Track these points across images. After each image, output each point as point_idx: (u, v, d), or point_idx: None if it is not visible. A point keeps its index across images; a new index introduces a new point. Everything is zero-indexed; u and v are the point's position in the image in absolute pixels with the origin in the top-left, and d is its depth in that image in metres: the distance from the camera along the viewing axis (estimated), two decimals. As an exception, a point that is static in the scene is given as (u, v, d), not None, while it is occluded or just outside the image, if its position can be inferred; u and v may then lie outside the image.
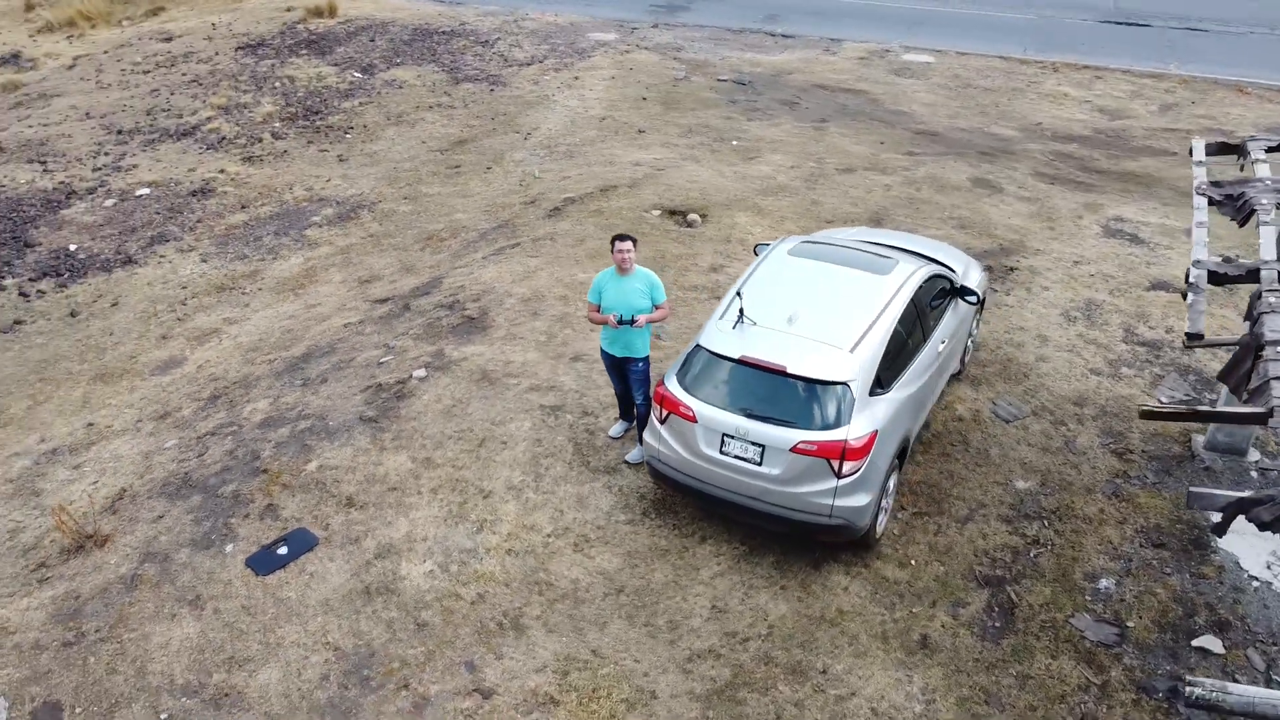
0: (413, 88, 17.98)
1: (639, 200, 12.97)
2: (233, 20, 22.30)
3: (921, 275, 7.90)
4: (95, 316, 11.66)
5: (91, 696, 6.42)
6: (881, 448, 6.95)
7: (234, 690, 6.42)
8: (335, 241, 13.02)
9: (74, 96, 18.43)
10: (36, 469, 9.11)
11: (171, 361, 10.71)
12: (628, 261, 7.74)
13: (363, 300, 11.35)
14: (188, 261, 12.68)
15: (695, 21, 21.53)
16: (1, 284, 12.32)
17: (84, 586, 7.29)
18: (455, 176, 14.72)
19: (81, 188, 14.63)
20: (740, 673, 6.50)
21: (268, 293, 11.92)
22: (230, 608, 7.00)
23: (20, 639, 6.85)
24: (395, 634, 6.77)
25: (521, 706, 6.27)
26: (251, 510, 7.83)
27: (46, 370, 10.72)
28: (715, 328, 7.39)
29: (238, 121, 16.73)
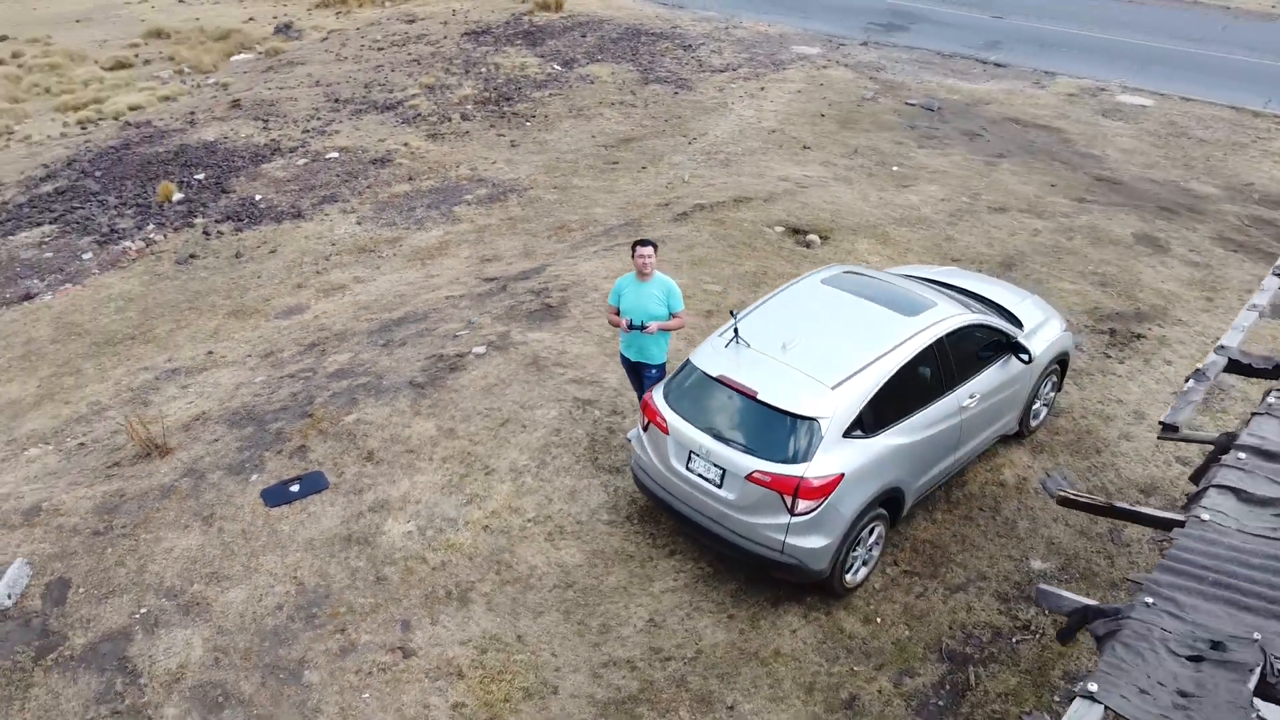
0: (603, 84, 18.60)
1: (767, 214, 12.84)
2: (472, 8, 23.92)
3: (954, 323, 7.40)
4: (253, 260, 13.02)
5: (96, 581, 7.31)
6: (850, 493, 6.62)
7: (204, 601, 7.10)
8: (477, 220, 13.78)
9: (313, 66, 20.50)
10: (154, 383, 10.36)
11: (296, 308, 11.80)
12: (648, 267, 7.78)
13: (474, 277, 11.98)
14: (345, 222, 13.86)
15: (908, 43, 20.82)
16: (192, 222, 14.01)
17: (131, 488, 8.27)
18: (609, 172, 15.14)
19: (286, 146, 16.31)
20: (648, 689, 6.43)
21: (400, 259, 12.82)
22: (232, 529, 7.72)
23: (64, 521, 7.89)
24: (354, 582, 7.21)
25: (431, 672, 6.52)
26: (285, 448, 8.56)
27: (197, 301, 12.12)
28: (710, 345, 7.31)
29: (436, 101, 18.01)
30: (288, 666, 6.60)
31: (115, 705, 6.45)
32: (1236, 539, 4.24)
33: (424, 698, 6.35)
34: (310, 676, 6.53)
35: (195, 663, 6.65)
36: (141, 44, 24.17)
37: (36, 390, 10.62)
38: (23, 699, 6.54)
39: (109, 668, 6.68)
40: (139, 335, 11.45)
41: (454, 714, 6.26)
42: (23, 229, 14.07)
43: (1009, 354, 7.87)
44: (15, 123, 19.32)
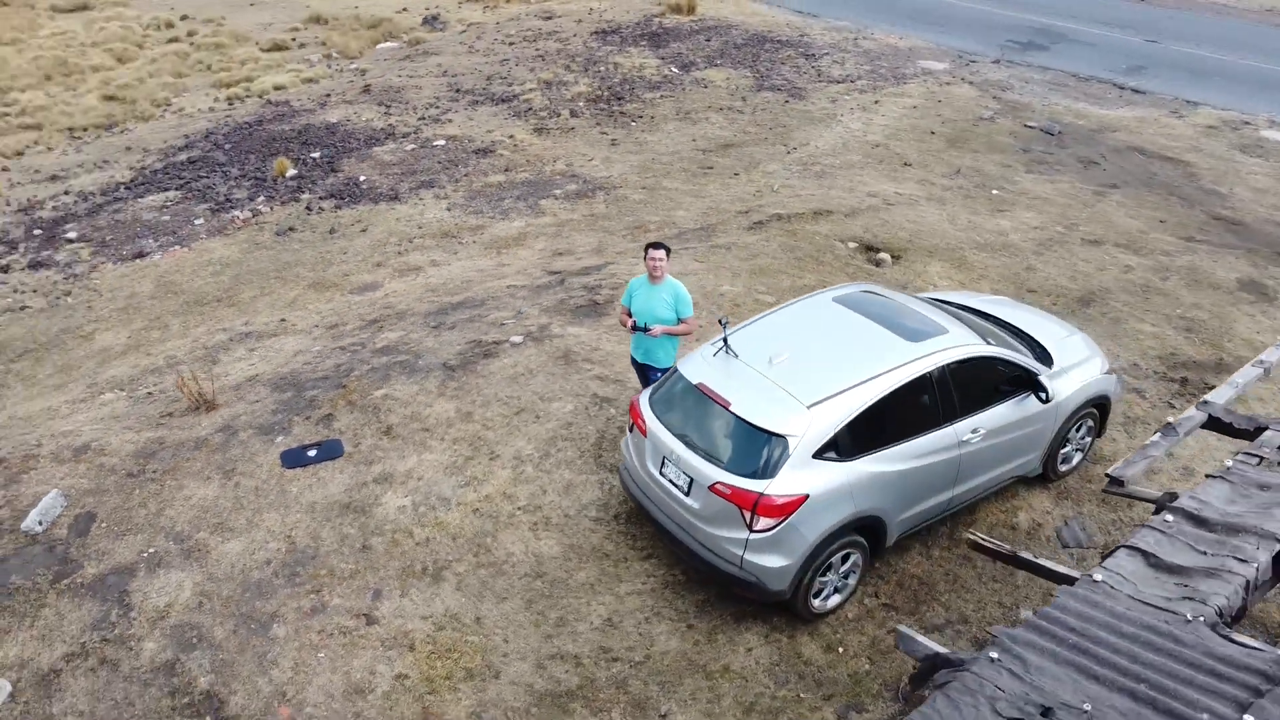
0: (716, 89, 18.59)
1: (843, 229, 12.59)
2: (609, 7, 24.31)
3: (959, 353, 7.10)
4: (344, 237, 13.69)
5: (118, 519, 7.91)
6: (815, 515, 6.46)
7: (205, 549, 7.57)
8: (560, 215, 14.05)
9: (445, 56, 21.32)
10: (226, 344, 11.06)
11: (371, 285, 12.34)
12: (658, 270, 7.79)
13: (541, 270, 12.23)
14: (437, 207, 14.39)
15: (1044, 63, 19.89)
16: (299, 197, 14.84)
17: (171, 437, 8.89)
18: (700, 176, 15.14)
19: (400, 131, 17.05)
20: (587, 687, 6.47)
21: (478, 247, 13.22)
22: (247, 485, 8.19)
23: (105, 461, 8.56)
24: (341, 548, 7.54)
25: (387, 641, 6.76)
26: (314, 415, 9.00)
27: (284, 271, 12.85)
28: (700, 353, 7.27)
29: (550, 96, 18.42)
30: (260, 618, 6.97)
31: (106, 634, 6.96)
32: (1122, 604, 3.93)
33: (372, 664, 6.59)
34: (277, 630, 6.87)
35: (181, 604, 7.10)
36: (301, 28, 25.67)
37: (126, 340, 11.52)
38: (34, 617, 7.15)
39: (110, 599, 7.21)
40: (225, 298, 12.23)
41: (395, 684, 6.47)
42: (151, 193, 15.25)
43: (1028, 391, 7.48)
44: (174, 96, 20.90)
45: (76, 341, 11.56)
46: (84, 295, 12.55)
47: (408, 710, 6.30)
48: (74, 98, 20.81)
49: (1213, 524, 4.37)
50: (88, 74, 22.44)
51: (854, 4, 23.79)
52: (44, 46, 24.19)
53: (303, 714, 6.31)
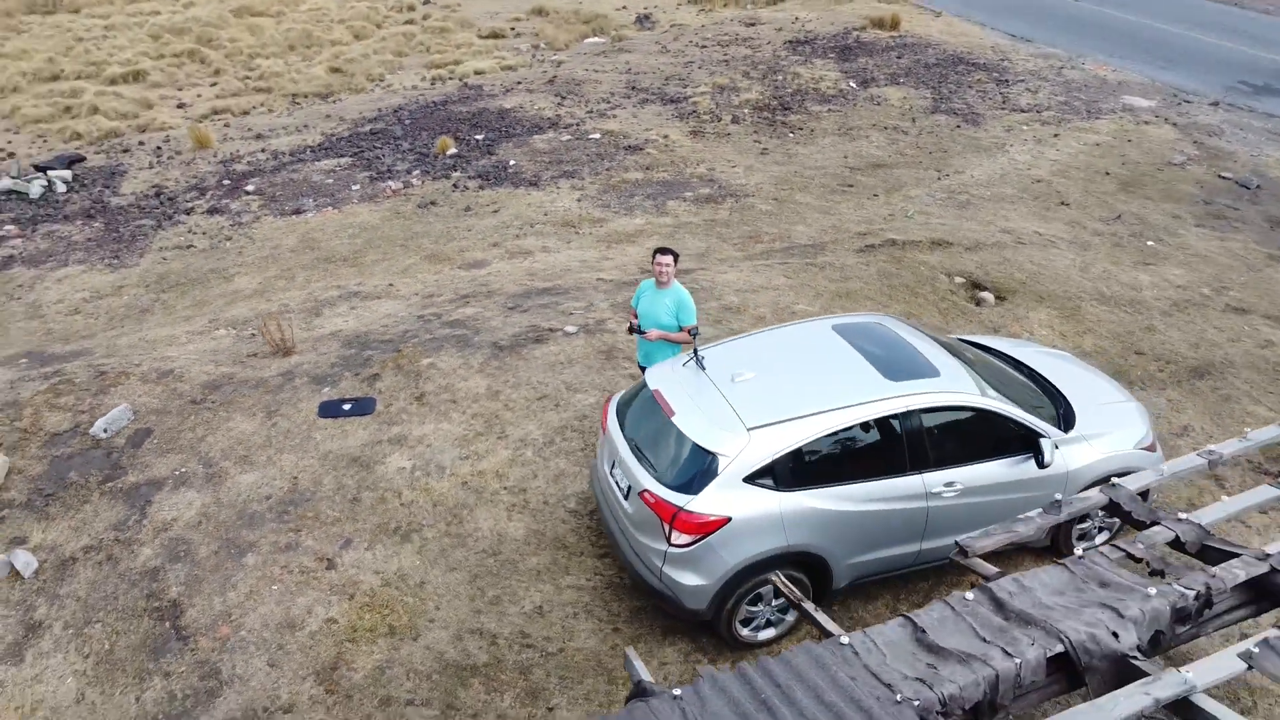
0: (888, 107, 18.02)
1: (956, 262, 11.95)
2: (816, 18, 24.03)
3: (941, 400, 6.67)
4: (475, 216, 14.44)
5: (167, 439, 8.85)
6: (738, 540, 6.29)
7: (223, 476, 8.34)
8: (682, 217, 14.16)
9: (636, 55, 21.85)
10: (334, 300, 12.01)
11: (479, 263, 12.98)
12: (664, 275, 7.79)
13: (637, 268, 12.42)
14: (569, 197, 14.87)
15: (1273, 110, 17.82)
16: (450, 174, 15.78)
17: (241, 374, 9.80)
18: (837, 194, 14.79)
19: (564, 122, 17.71)
20: (493, 666, 6.63)
21: (592, 239, 13.58)
22: (281, 426, 8.93)
23: (179, 387, 9.57)
24: (334, 496, 8.08)
25: (334, 587, 7.21)
26: (363, 373, 9.65)
27: (410, 241, 13.74)
28: (672, 361, 7.23)
29: (718, 101, 18.51)
30: (240, 545, 7.61)
31: (119, 534, 7.84)
32: (847, 672, 3.61)
33: (312, 605, 7.06)
34: (249, 559, 7.48)
35: (184, 521, 7.88)
36: (522, 19, 27.07)
37: (257, 286, 12.74)
38: (76, 510, 8.15)
39: (135, 506, 8.11)
40: (351, 259, 13.24)
41: (323, 626, 6.90)
42: (327, 158, 16.69)
43: (1027, 453, 6.90)
44: (389, 73, 22.67)
45: (218, 281, 12.91)
46: (241, 242, 13.96)
47: (324, 653, 6.71)
48: (306, 67, 23.01)
49: (1010, 611, 3.92)
50: (325, 47, 24.73)
51: (1083, 32, 22.23)
52: (297, 20, 26.86)
53: (238, 636, 6.86)
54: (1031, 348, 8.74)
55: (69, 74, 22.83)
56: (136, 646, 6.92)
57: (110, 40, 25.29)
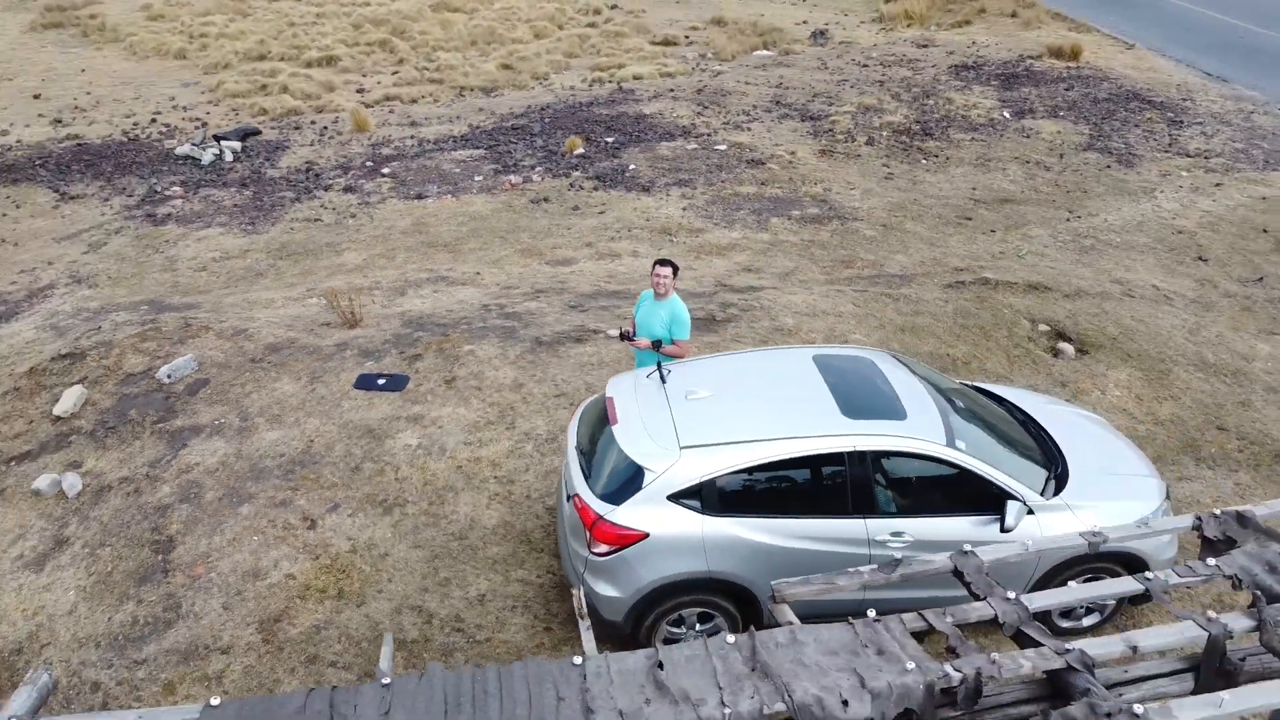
0: (1036, 141, 17.03)
1: (1046, 309, 11.23)
2: (992, 44, 23.00)
3: (893, 444, 6.34)
4: (581, 215, 14.77)
5: (219, 390, 9.62)
6: (654, 558, 6.24)
7: (252, 431, 9.00)
8: (780, 235, 13.97)
9: (794, 70, 21.63)
10: (422, 281, 12.63)
11: (566, 261, 13.30)
12: (661, 286, 7.78)
13: (714, 282, 12.37)
14: (675, 205, 14.96)
15: None
16: (570, 173, 16.20)
17: (303, 340, 10.51)
18: (951, 226, 14.17)
19: (696, 132, 17.79)
20: (419, 643, 6.86)
21: (683, 249, 13.61)
22: (319, 392, 9.52)
23: (245, 346, 10.36)
24: (340, 462, 8.55)
25: (304, 546, 7.64)
26: (408, 352, 10.13)
27: (510, 234, 14.23)
28: (637, 372, 7.21)
29: (858, 121, 18.06)
30: (241, 495, 8.20)
31: (150, 471, 8.62)
32: (558, 693, 3.50)
33: (279, 559, 7.52)
34: (244, 509, 8.05)
35: (202, 467, 8.56)
36: (700, 28, 27.30)
37: (360, 261, 13.56)
38: (127, 445, 9.03)
39: (172, 447, 8.89)
40: (451, 245, 13.87)
41: (282, 580, 7.33)
42: (465, 148, 17.50)
43: (996, 514, 6.45)
44: (555, 72, 23.44)
45: (329, 254, 13.83)
46: (362, 220, 14.89)
47: (273, 605, 7.14)
48: (480, 62, 24.15)
49: (758, 662, 3.68)
50: (505, 44, 25.86)
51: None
52: (487, 17, 28.20)
53: (208, 576, 7.41)
54: (1058, 406, 8.11)
55: (273, 55, 24.96)
56: (129, 572, 7.59)
57: (317, 27, 27.44)
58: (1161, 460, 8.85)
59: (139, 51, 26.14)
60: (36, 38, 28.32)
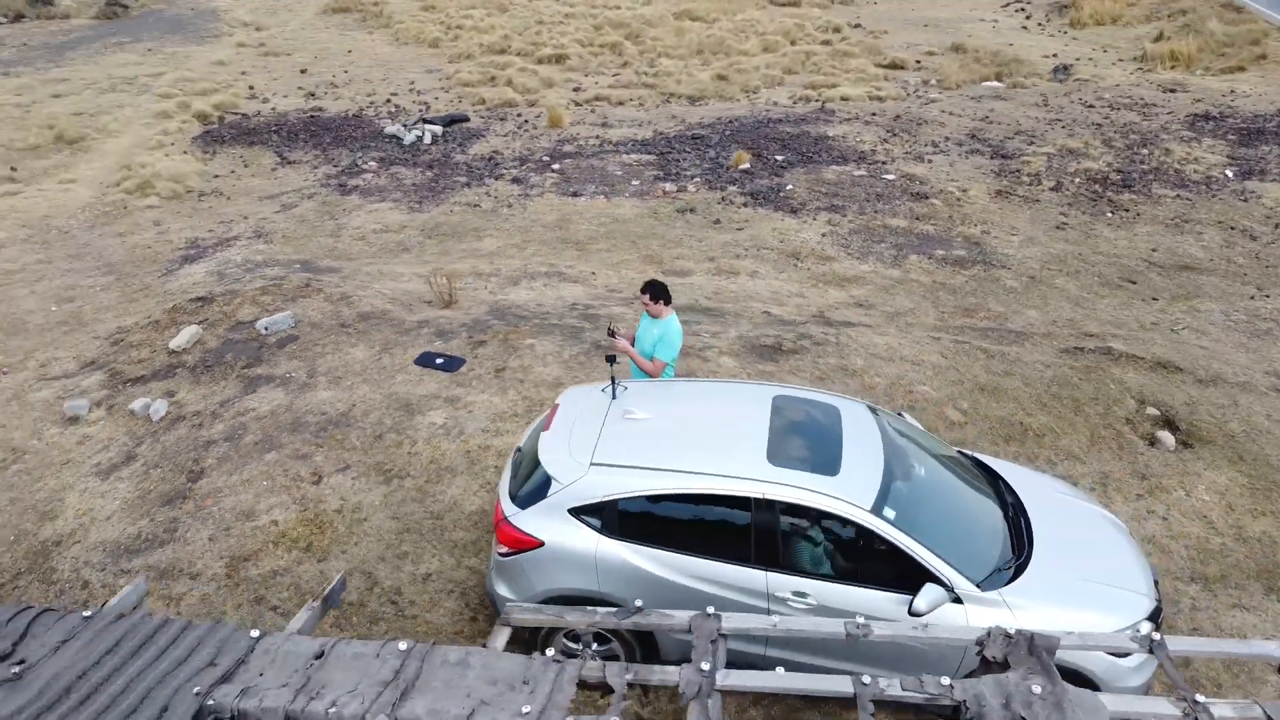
0: (1254, 205, 15.09)
1: (1164, 392, 10.06)
2: (1256, 95, 20.57)
3: (805, 499, 5.99)
4: (718, 230, 14.74)
5: (303, 347, 10.52)
6: (546, 570, 6.27)
7: (311, 388, 9.79)
8: (911, 273, 13.30)
9: (1009, 105, 20.36)
10: (537, 275, 13.15)
11: (682, 272, 13.35)
12: (647, 308, 7.75)
13: (815, 312, 12.01)
14: (816, 230, 14.59)
15: None
16: (726, 187, 16.18)
17: (394, 314, 11.26)
18: (1107, 288, 12.91)
19: (871, 158, 17.21)
20: (354, 607, 7.25)
21: (805, 276, 13.29)
22: (383, 362, 10.19)
23: (343, 312, 11.24)
24: (367, 430, 9.14)
25: (301, 498, 8.25)
26: (476, 337, 10.61)
27: (642, 239, 14.44)
28: (594, 385, 7.20)
29: (1053, 164, 16.76)
30: (272, 443, 8.97)
31: (215, 409, 9.62)
32: (182, 653, 3.64)
33: (272, 506, 8.17)
34: (268, 456, 8.81)
35: (255, 413, 9.44)
36: (936, 54, 26.23)
37: (494, 249, 14.28)
38: (215, 383, 10.12)
39: (243, 392, 9.86)
40: (580, 244, 14.28)
41: (266, 525, 7.97)
42: (637, 153, 17.90)
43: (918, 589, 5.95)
44: (765, 87, 23.40)
45: (471, 238, 14.66)
46: (515, 210, 15.64)
47: (249, 545, 7.79)
48: (698, 71, 24.50)
49: (405, 674, 3.60)
50: (730, 55, 26.06)
51: None
52: (724, 28, 28.52)
53: (211, 509, 8.19)
54: (1070, 499, 7.23)
55: (512, 50, 26.57)
56: (161, 494, 8.54)
57: (561, 26, 28.89)
58: (1224, 580, 7.74)
59: (401, 38, 28.67)
60: (325, 20, 31.75)
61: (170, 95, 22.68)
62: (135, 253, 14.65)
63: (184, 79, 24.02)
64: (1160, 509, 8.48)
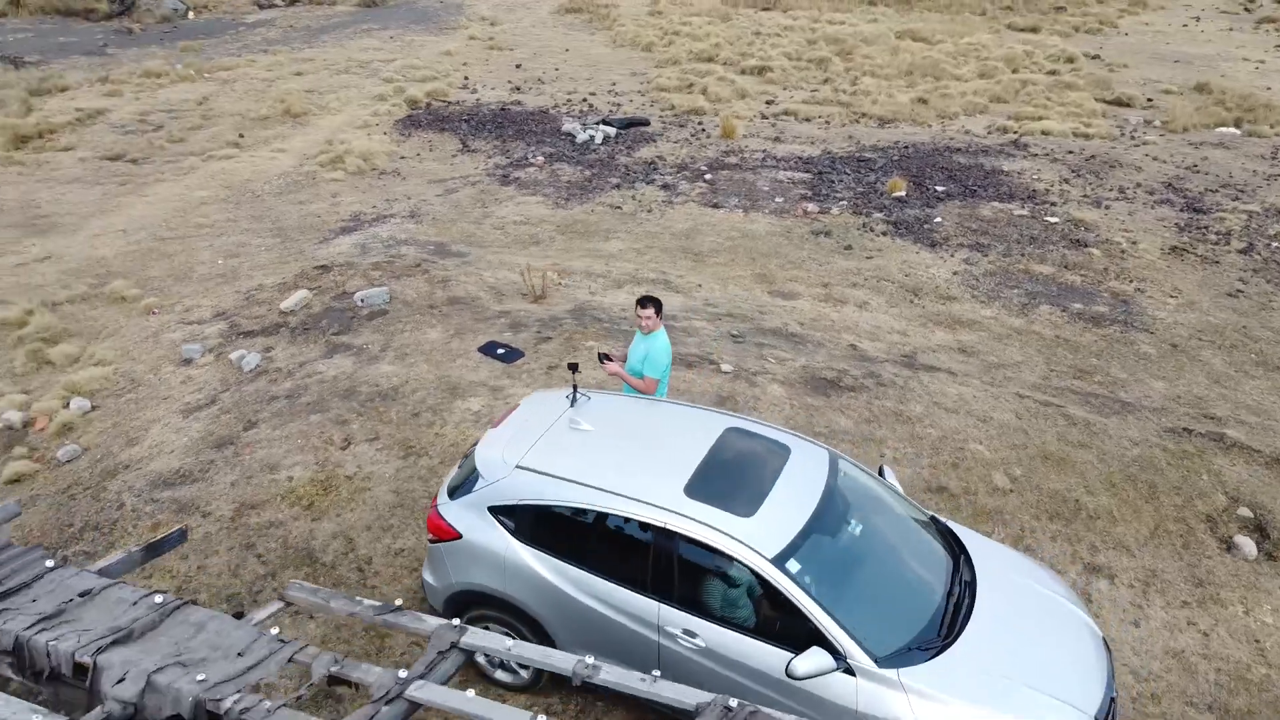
0: None
1: (1259, 489, 8.87)
2: None
3: (702, 535, 5.77)
4: (846, 256, 14.25)
5: (388, 323, 11.18)
6: (460, 559, 6.45)
7: (377, 361, 10.41)
8: (1036, 324, 12.33)
9: (1228, 153, 18.44)
10: (642, 281, 13.27)
11: (789, 295, 13.04)
12: (640, 323, 7.69)
13: (907, 352, 11.42)
14: (949, 268, 13.80)
15: None
16: (872, 214, 15.60)
17: (483, 301, 11.73)
18: (1262, 368, 11.46)
19: (1039, 198, 16.03)
20: (325, 568, 7.69)
21: (917, 313, 12.62)
22: (451, 346, 10.66)
23: (437, 293, 11.83)
24: (408, 406, 9.61)
25: (325, 460, 8.82)
26: (544, 333, 10.88)
27: (762, 258, 14.18)
28: (564, 393, 7.21)
29: (1254, 224, 14.98)
30: (322, 406, 9.63)
31: (292, 369, 10.43)
32: None
33: (295, 463, 8.79)
34: (313, 417, 9.47)
35: (321, 376, 10.16)
36: (1174, 92, 23.96)
37: (615, 251, 14.50)
38: (304, 345, 10.99)
39: (321, 356, 10.64)
40: (699, 255, 14.24)
41: (283, 479, 8.58)
42: (795, 170, 17.58)
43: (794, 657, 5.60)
44: (965, 114, 22.27)
45: (598, 239, 14.97)
46: (654, 216, 15.80)
47: (260, 494, 8.42)
48: (899, 93, 23.66)
49: None
50: (942, 80, 24.97)
51: None
52: (945, 51, 27.32)
53: (245, 458, 8.92)
54: (1044, 592, 6.47)
55: (719, 59, 26.73)
56: (218, 438, 9.40)
57: (775, 39, 28.73)
58: (1250, 717, 6.74)
59: (618, 40, 29.54)
60: (557, 19, 33.23)
61: (392, 80, 24.55)
62: (305, 220, 16.02)
63: (410, 66, 25.90)
64: (1204, 623, 7.47)
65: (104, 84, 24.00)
